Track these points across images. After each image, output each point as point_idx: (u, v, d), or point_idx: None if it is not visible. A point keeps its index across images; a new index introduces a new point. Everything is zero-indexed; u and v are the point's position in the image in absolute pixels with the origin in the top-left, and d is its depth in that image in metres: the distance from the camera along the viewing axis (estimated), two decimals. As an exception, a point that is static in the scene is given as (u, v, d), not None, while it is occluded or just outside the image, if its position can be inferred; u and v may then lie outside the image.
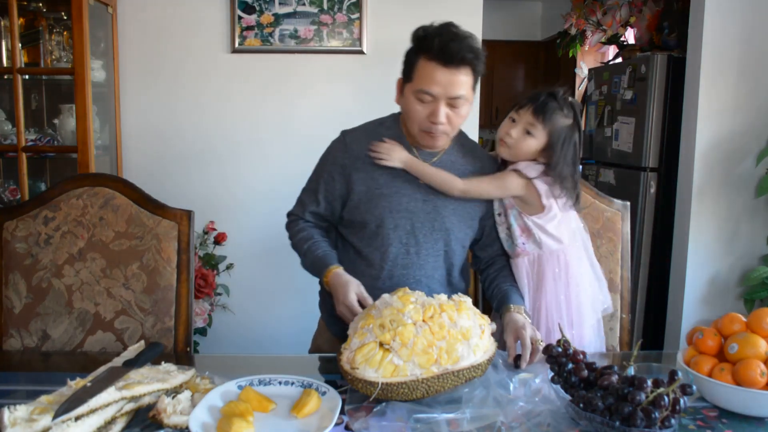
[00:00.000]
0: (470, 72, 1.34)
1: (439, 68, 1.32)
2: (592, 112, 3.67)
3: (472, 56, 1.32)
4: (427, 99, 1.35)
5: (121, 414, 1.00)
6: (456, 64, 1.31)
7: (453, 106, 1.35)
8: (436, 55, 1.32)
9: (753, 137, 2.69)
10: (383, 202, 1.43)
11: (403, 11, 2.59)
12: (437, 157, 1.46)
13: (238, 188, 2.70)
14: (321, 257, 1.43)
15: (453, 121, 1.38)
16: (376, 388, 1.03)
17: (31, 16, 2.46)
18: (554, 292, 1.46)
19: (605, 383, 1.00)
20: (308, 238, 1.48)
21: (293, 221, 1.54)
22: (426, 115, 1.36)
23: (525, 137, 1.43)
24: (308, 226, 1.51)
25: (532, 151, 1.44)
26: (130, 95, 2.65)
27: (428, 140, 1.41)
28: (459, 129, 1.48)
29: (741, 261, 2.77)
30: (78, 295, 1.48)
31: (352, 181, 1.45)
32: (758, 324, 1.12)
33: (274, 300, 2.74)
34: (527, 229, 1.46)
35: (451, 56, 1.30)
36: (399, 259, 1.45)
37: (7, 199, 2.45)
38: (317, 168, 1.52)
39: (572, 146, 1.43)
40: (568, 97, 1.44)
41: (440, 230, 1.45)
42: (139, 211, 1.52)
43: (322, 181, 1.48)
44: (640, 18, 3.35)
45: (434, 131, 1.38)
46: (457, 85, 1.33)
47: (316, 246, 1.45)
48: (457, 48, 1.30)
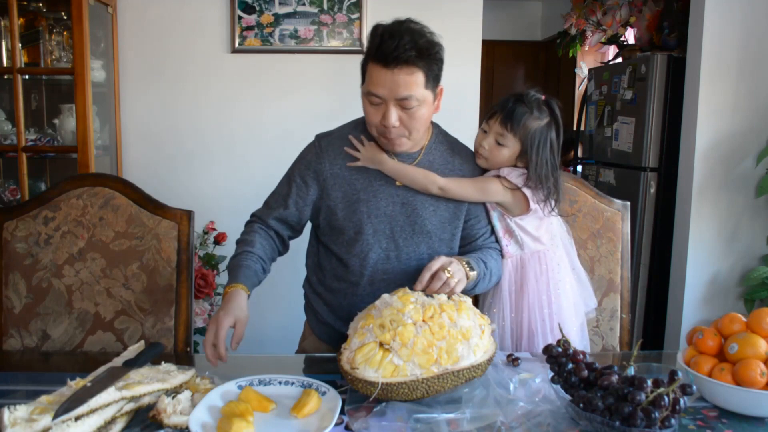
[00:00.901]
0: (415, 71, 1.26)
1: (381, 69, 1.26)
2: (592, 112, 3.66)
3: (413, 54, 1.24)
4: (375, 101, 1.30)
5: (121, 414, 1.00)
6: (395, 63, 1.24)
7: (404, 107, 1.29)
8: (375, 56, 1.27)
9: (753, 137, 2.69)
10: (361, 207, 1.40)
11: (403, 11, 2.57)
12: (416, 160, 1.42)
13: (239, 188, 2.70)
14: (236, 267, 1.34)
15: (408, 124, 1.32)
16: (376, 388, 1.03)
17: (31, 16, 2.46)
18: (536, 292, 1.46)
19: (605, 383, 1.00)
20: (248, 243, 1.40)
21: (252, 222, 1.48)
22: (380, 118, 1.32)
23: (497, 147, 1.41)
24: (261, 234, 1.44)
25: (506, 158, 1.42)
26: (130, 95, 2.65)
27: (387, 144, 1.37)
28: (433, 126, 1.46)
29: (741, 261, 2.77)
30: (78, 295, 1.48)
31: (327, 187, 1.41)
32: (758, 324, 1.12)
33: (274, 300, 2.73)
34: (509, 230, 1.46)
35: (387, 56, 1.24)
36: (379, 265, 1.41)
37: (7, 199, 2.45)
38: (289, 172, 1.47)
39: (548, 145, 1.40)
40: (539, 96, 1.40)
41: (421, 233, 1.42)
42: (139, 211, 1.52)
43: (294, 186, 1.44)
44: (640, 18, 3.34)
45: (387, 134, 1.33)
46: (402, 85, 1.26)
47: (246, 257, 1.37)
48: (393, 47, 1.23)
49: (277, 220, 1.46)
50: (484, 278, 1.38)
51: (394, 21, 1.31)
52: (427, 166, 1.42)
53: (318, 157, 1.43)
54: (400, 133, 1.33)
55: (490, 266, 1.40)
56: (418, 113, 1.31)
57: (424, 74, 1.28)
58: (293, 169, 1.47)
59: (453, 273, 1.24)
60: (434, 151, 1.45)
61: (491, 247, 1.47)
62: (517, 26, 5.93)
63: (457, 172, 1.44)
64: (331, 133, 1.48)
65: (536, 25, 6.02)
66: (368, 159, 1.40)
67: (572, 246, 1.56)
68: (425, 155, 1.43)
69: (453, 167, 1.45)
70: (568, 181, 1.68)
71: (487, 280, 1.40)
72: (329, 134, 1.47)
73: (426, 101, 1.31)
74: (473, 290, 1.39)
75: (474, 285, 1.36)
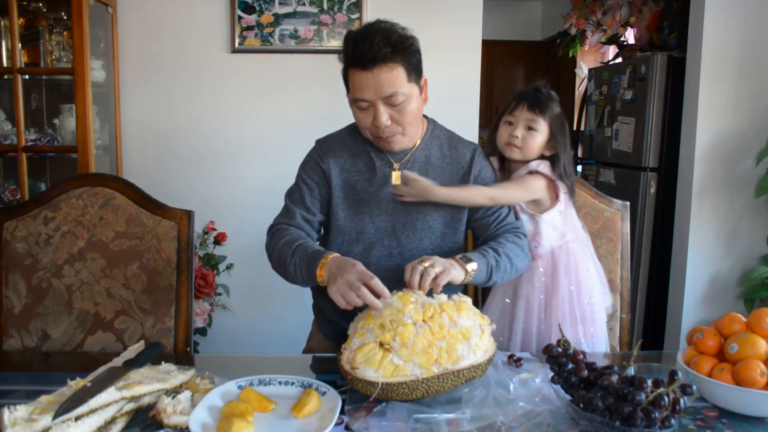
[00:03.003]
0: (394, 67, 1.28)
1: (361, 73, 1.28)
2: (592, 112, 3.66)
3: (389, 51, 1.26)
4: (364, 105, 1.33)
5: (121, 414, 1.00)
6: (373, 64, 1.26)
7: (392, 104, 1.31)
8: (353, 62, 1.29)
9: (753, 137, 2.69)
10: (362, 207, 1.42)
11: (403, 11, 2.58)
12: (410, 153, 1.43)
13: (239, 188, 2.70)
14: (315, 249, 1.31)
15: (399, 120, 1.33)
16: (376, 388, 1.03)
17: (31, 16, 2.46)
18: (566, 284, 1.48)
19: (605, 383, 1.00)
20: (296, 239, 1.36)
21: (278, 230, 1.42)
22: (371, 121, 1.34)
23: (530, 134, 1.46)
24: (294, 231, 1.40)
25: (540, 145, 1.47)
26: (130, 95, 2.65)
27: (384, 145, 1.39)
28: (429, 122, 1.48)
29: (741, 261, 2.77)
30: (78, 295, 1.48)
31: (332, 186, 1.43)
32: (758, 324, 1.12)
33: (274, 300, 2.74)
34: (538, 232, 1.48)
35: (364, 58, 1.26)
36: (383, 262, 1.42)
37: (7, 199, 2.45)
38: (298, 180, 1.47)
39: (567, 132, 1.49)
40: (549, 89, 1.50)
41: (423, 229, 1.42)
42: (139, 211, 1.52)
43: (305, 188, 1.44)
44: (640, 18, 3.34)
45: (382, 135, 1.35)
46: (385, 84, 1.28)
47: (307, 244, 1.34)
48: (367, 48, 1.25)
49: (304, 220, 1.44)
50: (498, 267, 1.34)
51: (364, 24, 1.34)
52: (423, 161, 1.44)
53: (321, 159, 1.45)
54: (393, 131, 1.35)
55: (504, 251, 1.36)
56: (407, 108, 1.33)
57: (404, 68, 1.30)
58: (300, 174, 1.48)
59: (433, 263, 1.21)
60: (430, 146, 1.46)
61: (510, 229, 1.45)
62: (517, 26, 5.93)
63: (455, 165, 1.45)
64: (330, 137, 1.50)
65: (536, 25, 6.02)
66: (417, 195, 1.38)
67: (590, 242, 1.58)
68: (420, 150, 1.45)
69: (451, 160, 1.46)
70: (568, 181, 1.68)
71: (507, 267, 1.36)
72: (328, 138, 1.50)
73: (412, 95, 1.33)
74: (490, 281, 1.35)
75: (487, 276, 1.32)
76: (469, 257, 1.30)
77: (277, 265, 1.38)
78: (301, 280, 1.33)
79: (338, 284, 1.16)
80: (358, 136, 1.46)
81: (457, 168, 1.45)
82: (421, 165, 1.44)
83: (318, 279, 1.25)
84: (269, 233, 1.44)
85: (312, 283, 1.30)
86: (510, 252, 1.38)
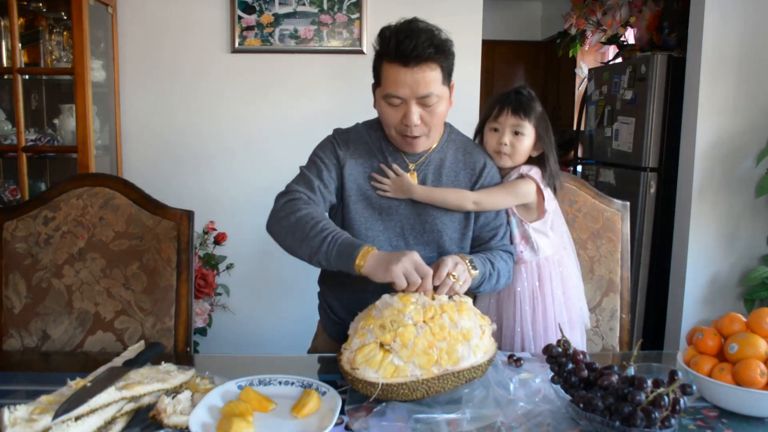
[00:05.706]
0: (435, 68, 1.29)
1: (400, 69, 1.28)
2: (592, 112, 3.66)
3: (432, 51, 1.27)
4: (396, 102, 1.32)
5: (121, 414, 1.00)
6: (415, 62, 1.27)
7: (425, 105, 1.31)
8: (394, 57, 1.28)
9: (753, 137, 2.69)
10: (374, 204, 1.42)
11: (404, 11, 2.57)
12: (425, 155, 1.43)
13: (238, 188, 2.70)
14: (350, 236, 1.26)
15: (428, 121, 1.34)
16: (376, 389, 1.03)
17: (31, 16, 2.46)
18: (551, 293, 1.47)
19: (605, 383, 1.00)
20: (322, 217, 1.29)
21: (297, 199, 1.33)
22: (399, 119, 1.33)
23: (518, 138, 1.45)
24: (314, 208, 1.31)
25: (528, 148, 1.46)
26: (130, 95, 2.65)
27: (406, 145, 1.38)
28: (446, 126, 1.47)
29: (741, 261, 2.77)
30: (78, 295, 1.48)
31: (344, 177, 1.42)
32: (758, 324, 1.12)
33: (274, 300, 2.74)
34: (526, 236, 1.48)
35: (407, 55, 1.26)
36: None
37: (7, 199, 2.45)
38: (314, 158, 1.43)
39: (550, 129, 1.49)
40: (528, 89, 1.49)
41: (431, 232, 1.42)
42: (139, 211, 1.52)
43: (324, 166, 1.40)
44: (640, 18, 3.34)
45: (410, 134, 1.35)
46: (423, 83, 1.28)
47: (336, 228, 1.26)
48: (413, 46, 1.25)
49: (320, 194, 1.38)
50: (489, 279, 1.36)
51: (402, 21, 1.33)
52: (438, 164, 1.44)
53: (338, 146, 1.43)
54: (421, 132, 1.35)
55: (497, 267, 1.39)
56: (438, 109, 1.34)
57: (441, 70, 1.31)
58: (317, 153, 1.44)
59: (458, 276, 1.23)
60: (446, 149, 1.46)
61: (504, 249, 1.46)
62: (517, 26, 5.93)
63: (467, 170, 1.45)
64: (348, 131, 1.48)
65: (536, 25, 6.02)
66: (397, 190, 1.40)
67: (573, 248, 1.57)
68: (436, 152, 1.45)
69: (464, 165, 1.46)
70: (568, 182, 1.68)
71: (494, 281, 1.38)
72: (346, 131, 1.48)
73: (444, 97, 1.34)
74: (477, 289, 1.38)
75: (478, 284, 1.35)
76: (475, 264, 1.31)
77: (287, 234, 1.29)
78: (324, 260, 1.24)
79: (403, 263, 1.14)
80: (374, 133, 1.45)
81: (468, 173, 1.45)
82: (435, 167, 1.44)
83: (355, 265, 1.19)
84: (283, 197, 1.36)
85: (334, 267, 1.23)
86: (501, 269, 1.40)
